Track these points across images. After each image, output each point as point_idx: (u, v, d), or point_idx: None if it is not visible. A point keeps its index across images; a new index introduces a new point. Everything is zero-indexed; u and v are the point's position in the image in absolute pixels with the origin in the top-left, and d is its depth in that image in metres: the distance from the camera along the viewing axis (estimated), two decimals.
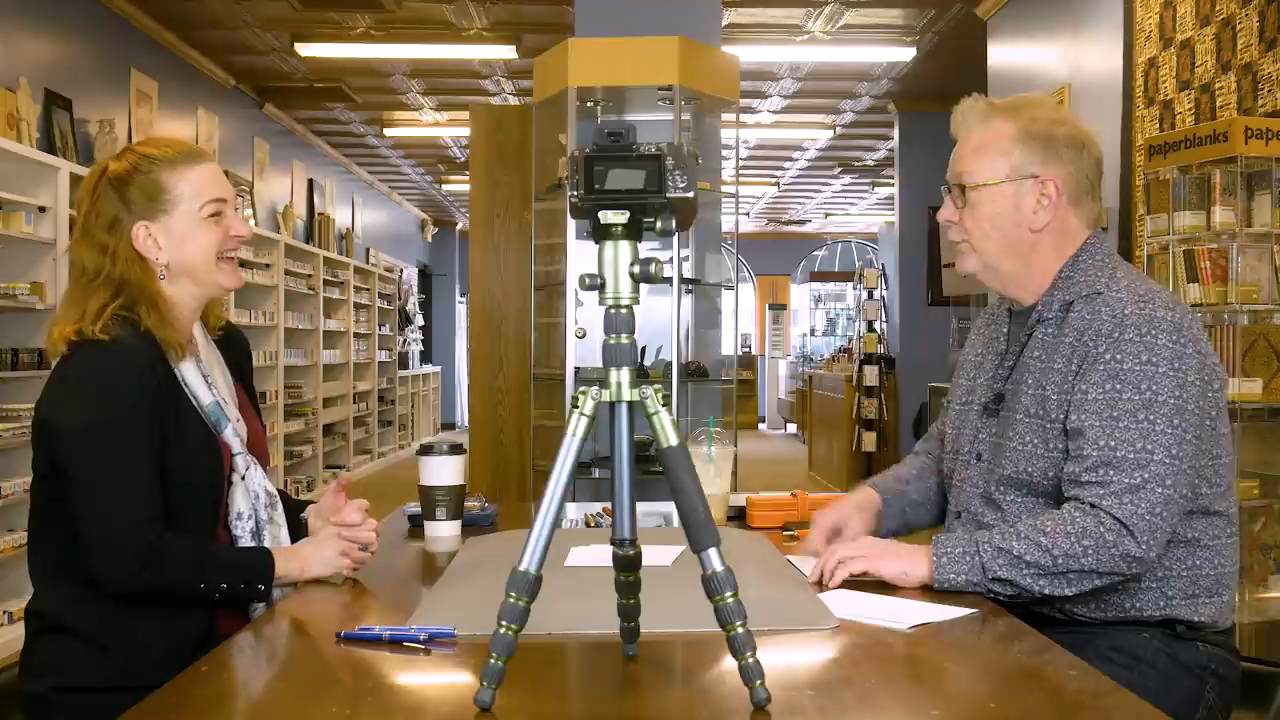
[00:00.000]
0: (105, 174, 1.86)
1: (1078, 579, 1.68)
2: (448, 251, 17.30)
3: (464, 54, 8.02)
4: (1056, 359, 1.80)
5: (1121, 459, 1.68)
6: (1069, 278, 1.86)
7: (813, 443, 11.16)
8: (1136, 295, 1.78)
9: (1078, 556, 1.65)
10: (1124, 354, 1.72)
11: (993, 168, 1.85)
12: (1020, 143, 1.84)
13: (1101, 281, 1.83)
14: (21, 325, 5.03)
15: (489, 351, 5.46)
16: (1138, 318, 1.74)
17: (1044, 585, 1.68)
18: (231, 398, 1.94)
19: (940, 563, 1.70)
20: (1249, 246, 3.65)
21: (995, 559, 1.68)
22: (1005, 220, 1.85)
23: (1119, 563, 1.66)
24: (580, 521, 2.43)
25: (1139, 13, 4.89)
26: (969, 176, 1.87)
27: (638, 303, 1.25)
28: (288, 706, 1.30)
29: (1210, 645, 1.78)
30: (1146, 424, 1.69)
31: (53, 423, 1.76)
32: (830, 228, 17.76)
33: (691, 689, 1.35)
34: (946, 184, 1.93)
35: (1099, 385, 1.72)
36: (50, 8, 6.03)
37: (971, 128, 1.90)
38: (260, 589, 1.76)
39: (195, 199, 1.86)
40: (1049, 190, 1.84)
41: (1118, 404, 1.70)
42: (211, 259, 1.88)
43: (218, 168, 1.94)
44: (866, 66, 8.45)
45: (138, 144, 1.91)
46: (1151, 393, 1.70)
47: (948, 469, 2.02)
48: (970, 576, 1.69)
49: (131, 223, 1.83)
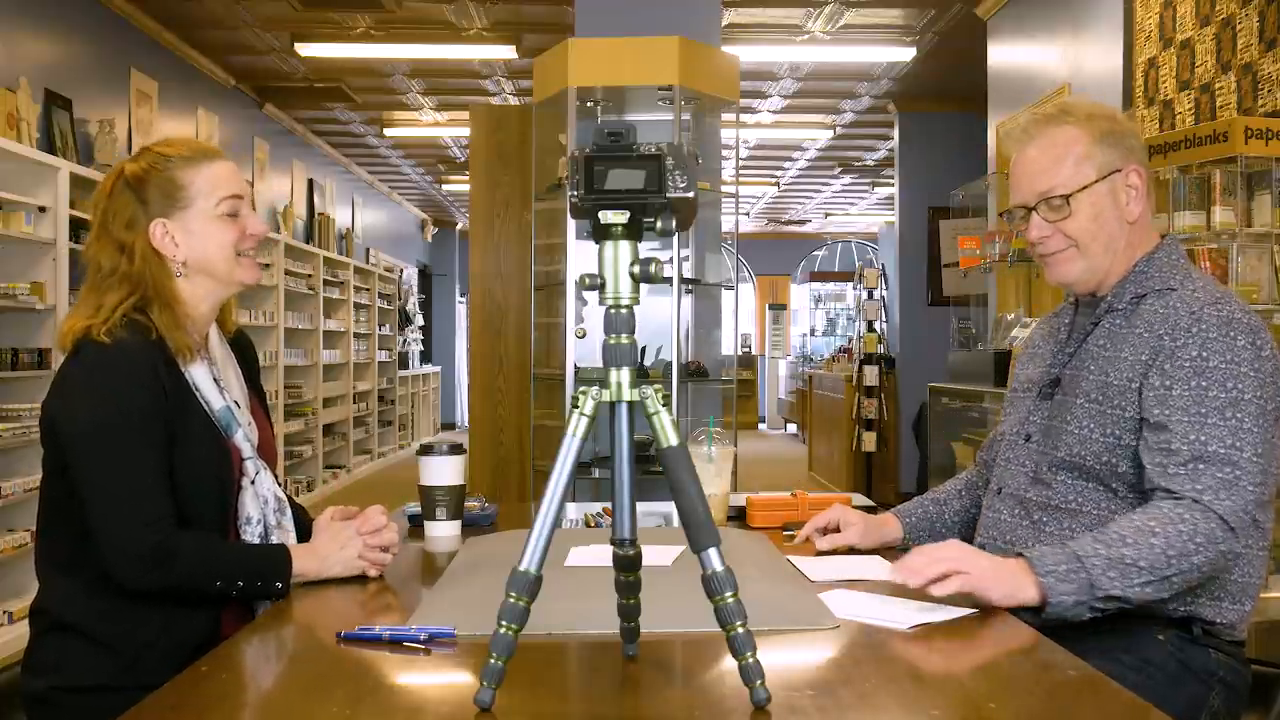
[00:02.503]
0: (122, 175, 1.86)
1: (1181, 579, 1.65)
2: (448, 251, 17.30)
3: (464, 54, 8.02)
4: (1124, 348, 1.82)
5: (1213, 454, 1.68)
6: (1143, 272, 1.88)
7: (813, 443, 11.15)
8: (1213, 296, 1.80)
9: (1189, 555, 1.63)
10: (1209, 351, 1.73)
11: (1082, 172, 1.86)
12: (1097, 143, 1.86)
13: (1176, 279, 1.85)
14: (21, 325, 5.03)
15: (489, 351, 5.46)
16: (1216, 317, 1.75)
17: (1150, 592, 1.63)
18: (244, 401, 1.94)
19: (1049, 583, 1.60)
20: (1249, 246, 3.65)
21: (1106, 573, 1.61)
22: (1108, 217, 1.87)
23: (1219, 559, 1.65)
24: (580, 521, 2.43)
25: (1139, 13, 4.89)
26: (1063, 187, 1.86)
27: (638, 303, 1.25)
28: (288, 706, 1.30)
29: (1222, 653, 1.77)
30: (1235, 421, 1.69)
31: (57, 424, 1.76)
32: (830, 228, 17.76)
33: (691, 689, 1.34)
34: (1020, 206, 1.91)
35: (1184, 381, 1.73)
36: (50, 8, 6.03)
37: (1028, 142, 1.91)
38: (277, 586, 1.75)
39: (211, 195, 1.87)
40: (1133, 180, 1.87)
41: (1205, 400, 1.71)
42: (230, 256, 1.88)
43: (233, 165, 1.95)
44: (866, 66, 8.45)
45: (153, 144, 1.92)
46: (1237, 391, 1.71)
47: (990, 456, 2.05)
48: (1079, 595, 1.61)
49: (149, 220, 1.83)
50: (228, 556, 1.76)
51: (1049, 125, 1.90)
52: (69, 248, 5.14)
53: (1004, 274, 5.90)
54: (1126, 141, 1.88)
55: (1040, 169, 1.89)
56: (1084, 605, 1.62)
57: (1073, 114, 1.90)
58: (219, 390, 1.85)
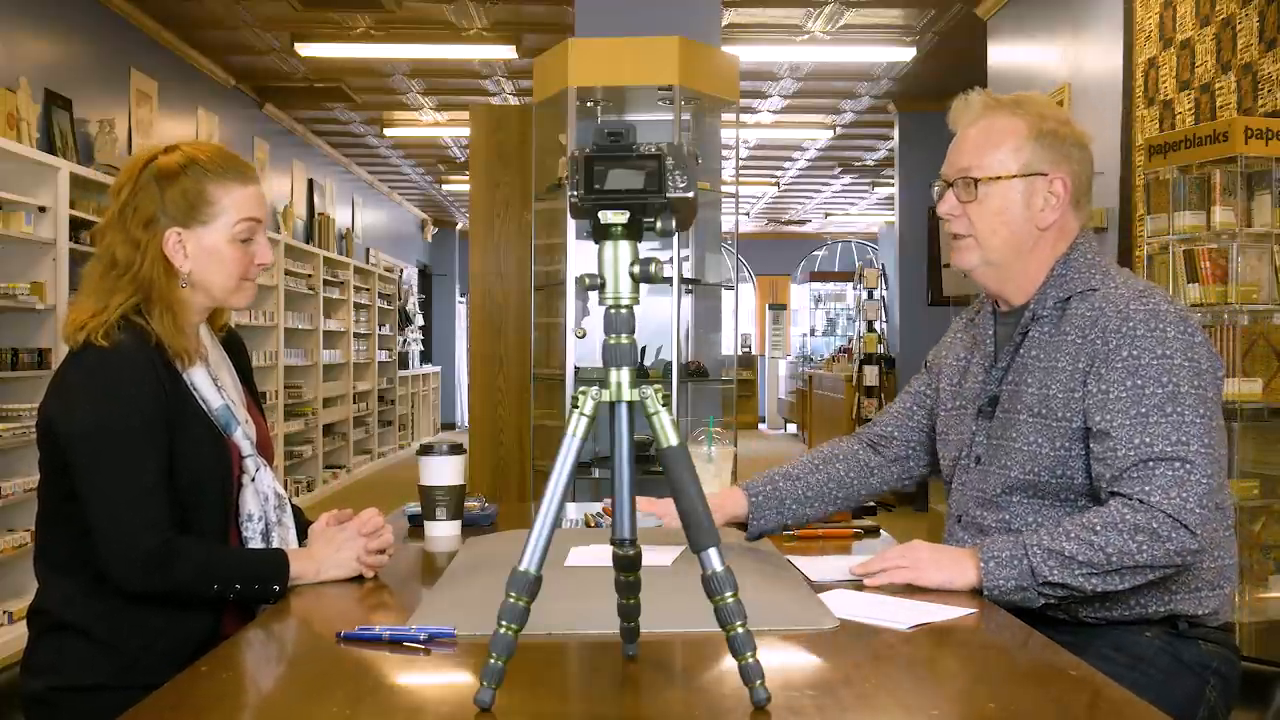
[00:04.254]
0: (151, 164, 1.83)
1: (1131, 574, 1.66)
2: (448, 251, 17.30)
3: (464, 54, 8.01)
4: (1060, 357, 1.79)
5: (1160, 454, 1.67)
6: (1061, 275, 1.85)
7: (813, 443, 11.16)
8: (1136, 290, 1.78)
9: (1132, 554, 1.64)
10: (1139, 349, 1.72)
11: (1003, 162, 1.84)
12: (1032, 140, 1.83)
13: (1096, 278, 1.83)
14: (21, 325, 5.03)
15: (489, 351, 5.46)
16: (1143, 312, 1.74)
17: (1098, 583, 1.66)
18: (240, 399, 1.94)
19: (988, 568, 1.68)
20: (1249, 246, 3.65)
21: (1045, 561, 1.65)
22: (1014, 216, 1.84)
23: (1173, 556, 1.65)
24: (580, 521, 2.43)
25: (1139, 13, 4.89)
26: (978, 170, 1.85)
27: (638, 303, 1.25)
28: (288, 706, 1.30)
29: (1212, 644, 1.78)
30: (1176, 416, 1.68)
31: (56, 427, 1.75)
32: (830, 228, 17.76)
33: (691, 689, 1.34)
34: (942, 179, 1.91)
35: (1119, 383, 1.71)
36: (50, 8, 6.03)
37: (974, 122, 1.89)
38: (274, 589, 1.75)
39: (232, 216, 1.84)
40: (1057, 189, 1.84)
41: (1143, 400, 1.69)
42: (233, 283, 1.87)
43: (260, 189, 1.92)
44: (866, 66, 8.45)
45: (190, 144, 1.87)
46: (1173, 385, 1.69)
47: (946, 474, 2.01)
48: (1020, 581, 1.66)
49: (166, 226, 1.82)
50: (226, 560, 1.77)
51: (999, 111, 1.87)
52: (69, 248, 5.14)
53: None
54: (1065, 149, 1.84)
55: (971, 147, 1.87)
56: (1030, 591, 1.67)
57: (1024, 107, 1.87)
58: (216, 389, 1.86)
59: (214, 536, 1.82)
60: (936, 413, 2.05)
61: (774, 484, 2.08)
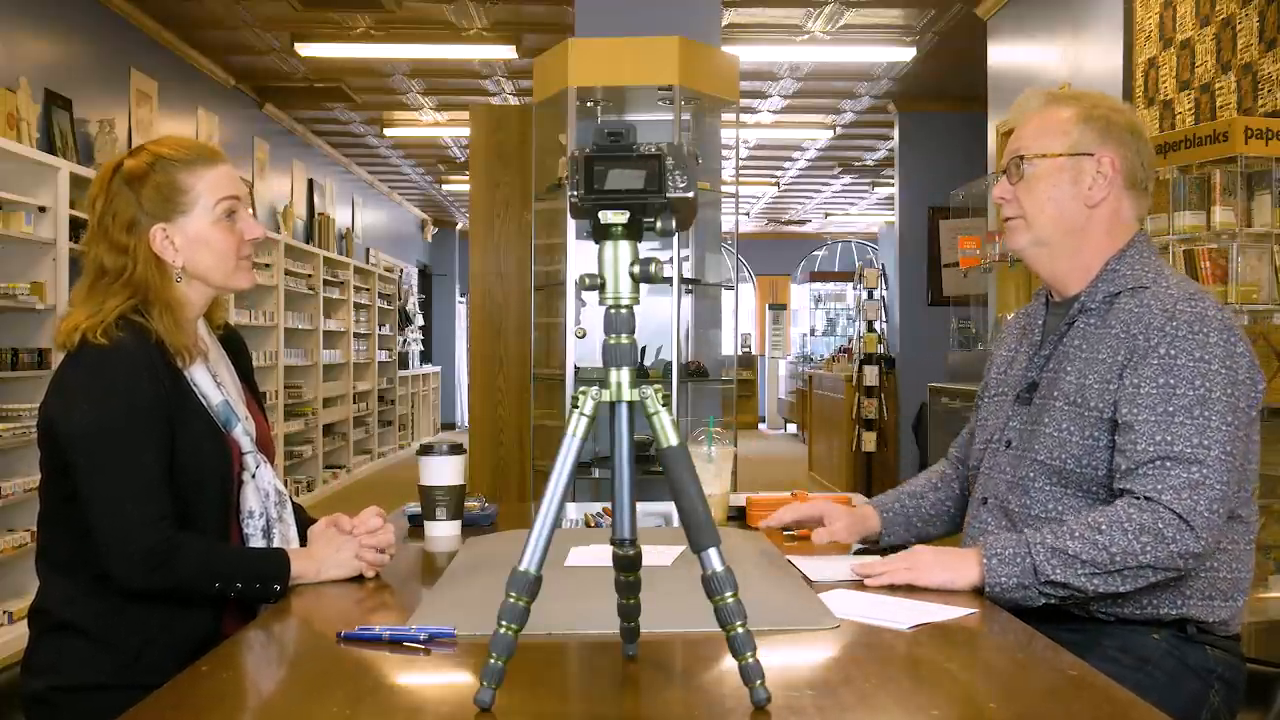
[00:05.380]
0: (120, 170, 1.84)
1: (1134, 575, 1.66)
2: (448, 251, 17.30)
3: (464, 54, 8.02)
4: (1101, 349, 1.80)
5: (1179, 454, 1.67)
6: (1115, 270, 1.86)
7: (813, 443, 11.16)
8: (1186, 293, 1.78)
9: (1136, 554, 1.64)
10: (1178, 349, 1.72)
11: (1050, 144, 1.87)
12: (1079, 123, 1.86)
13: (1148, 276, 1.84)
14: (21, 325, 5.03)
15: (489, 351, 5.46)
16: (1189, 314, 1.74)
17: (1099, 584, 1.66)
18: (239, 395, 1.94)
19: (990, 565, 1.68)
20: (1249, 246, 3.65)
21: (1049, 560, 1.66)
22: (1061, 194, 1.86)
23: (1176, 559, 1.65)
24: (580, 521, 2.43)
25: (1139, 13, 4.90)
26: (1027, 149, 1.88)
27: (638, 303, 1.24)
28: (288, 706, 1.30)
29: (1219, 650, 1.78)
30: (1202, 420, 1.68)
31: (57, 426, 1.75)
32: (830, 228, 17.76)
33: (691, 689, 1.34)
34: (998, 170, 1.95)
35: (1152, 380, 1.72)
36: (50, 8, 6.03)
37: (1030, 114, 1.93)
38: (275, 589, 1.75)
39: (210, 199, 1.85)
40: (1105, 168, 1.85)
41: (1172, 399, 1.70)
42: (229, 263, 1.88)
43: (231, 167, 1.93)
44: (866, 66, 8.45)
45: (152, 143, 1.90)
46: (1205, 389, 1.69)
47: (975, 459, 2.03)
48: (1022, 579, 1.67)
49: (149, 225, 1.82)
50: (227, 558, 1.77)
51: (1055, 103, 1.91)
52: (69, 248, 5.14)
53: (1004, 274, 5.90)
54: (1115, 132, 1.86)
55: (1022, 134, 1.91)
56: (1031, 590, 1.67)
57: (1080, 99, 1.91)
58: (216, 386, 1.86)
59: (215, 533, 1.82)
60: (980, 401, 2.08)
61: (901, 502, 2.17)
